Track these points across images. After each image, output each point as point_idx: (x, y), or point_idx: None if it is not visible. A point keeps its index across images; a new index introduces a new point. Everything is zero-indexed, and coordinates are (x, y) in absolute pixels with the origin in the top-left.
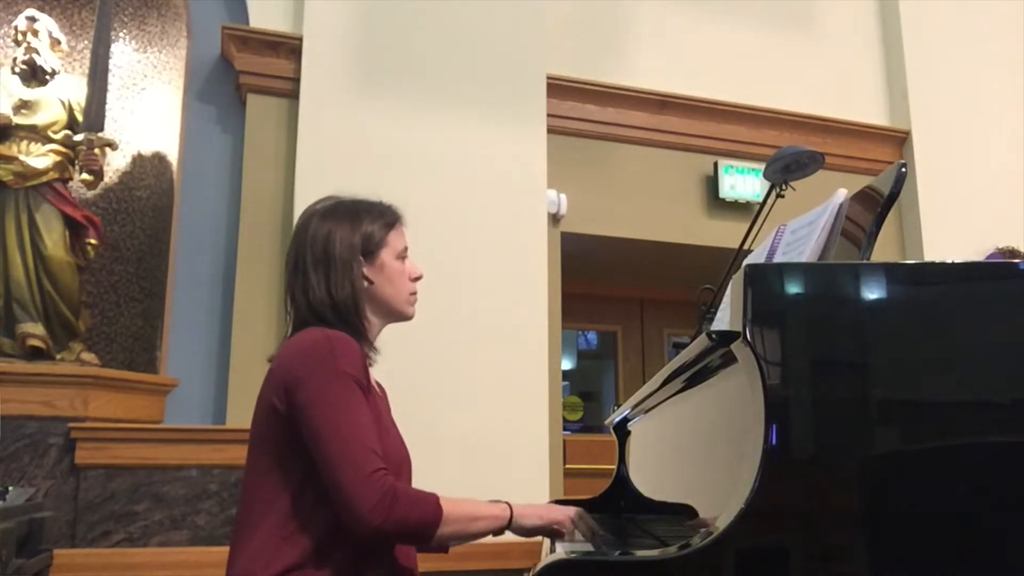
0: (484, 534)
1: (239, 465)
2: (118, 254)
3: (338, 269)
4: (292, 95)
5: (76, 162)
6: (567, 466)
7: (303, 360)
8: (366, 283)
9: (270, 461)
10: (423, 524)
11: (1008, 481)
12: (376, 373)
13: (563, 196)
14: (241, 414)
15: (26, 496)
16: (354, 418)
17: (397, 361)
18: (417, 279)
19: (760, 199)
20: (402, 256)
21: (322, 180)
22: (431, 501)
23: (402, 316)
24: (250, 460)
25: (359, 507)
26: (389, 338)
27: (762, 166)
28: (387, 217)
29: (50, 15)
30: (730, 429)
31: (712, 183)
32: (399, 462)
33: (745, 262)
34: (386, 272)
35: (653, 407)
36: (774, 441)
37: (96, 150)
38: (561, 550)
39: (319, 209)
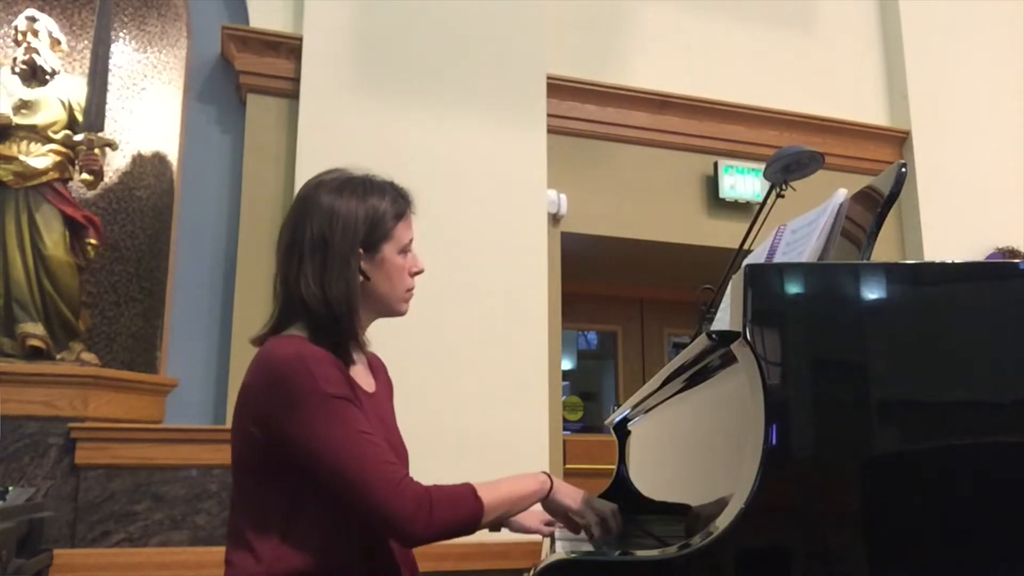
0: (527, 509)
1: None
2: (118, 254)
3: (335, 261)
4: (292, 95)
5: (76, 162)
6: (567, 466)
7: (280, 389)
8: (362, 278)
9: (254, 484)
10: (466, 521)
11: (1008, 481)
12: None
13: (563, 196)
14: None
15: (26, 496)
16: (357, 435)
17: (397, 360)
18: (417, 273)
19: (760, 199)
20: (406, 250)
21: None
22: (468, 496)
23: (394, 313)
24: (234, 476)
25: (398, 520)
26: (389, 338)
27: (762, 166)
28: (397, 206)
29: (50, 15)
30: (730, 429)
31: (712, 183)
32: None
33: (745, 262)
34: (386, 268)
35: (653, 407)
36: (774, 441)
37: (96, 150)
38: (561, 550)
39: (327, 182)
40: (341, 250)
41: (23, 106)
